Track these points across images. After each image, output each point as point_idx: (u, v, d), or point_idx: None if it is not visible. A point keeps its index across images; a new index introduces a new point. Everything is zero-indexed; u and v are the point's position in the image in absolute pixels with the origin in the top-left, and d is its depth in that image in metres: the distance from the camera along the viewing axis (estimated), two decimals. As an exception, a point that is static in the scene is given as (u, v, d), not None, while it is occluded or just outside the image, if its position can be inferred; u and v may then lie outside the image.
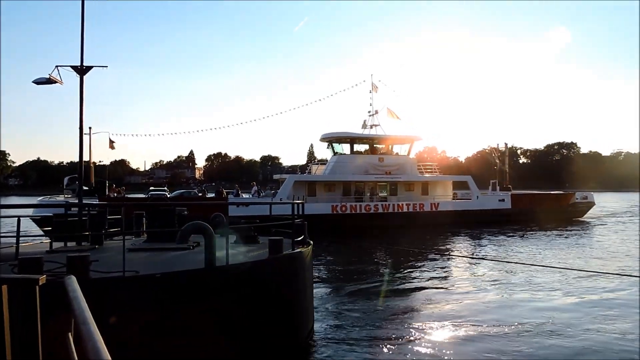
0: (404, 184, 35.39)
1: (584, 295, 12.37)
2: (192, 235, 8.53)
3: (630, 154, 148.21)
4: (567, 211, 38.77)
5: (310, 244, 9.77)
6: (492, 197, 37.83)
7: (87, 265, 5.95)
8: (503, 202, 36.86)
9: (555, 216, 35.69)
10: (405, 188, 35.51)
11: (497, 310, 11.07)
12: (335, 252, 21.17)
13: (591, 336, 9.04)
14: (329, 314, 10.85)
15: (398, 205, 33.13)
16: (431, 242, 24.75)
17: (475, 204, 35.79)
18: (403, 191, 35.32)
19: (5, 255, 7.51)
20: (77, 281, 3.16)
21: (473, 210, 35.13)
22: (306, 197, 30.99)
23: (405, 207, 33.20)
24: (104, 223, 10.01)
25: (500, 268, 16.72)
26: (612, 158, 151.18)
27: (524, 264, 16.71)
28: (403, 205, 33.19)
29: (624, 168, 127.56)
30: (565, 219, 36.73)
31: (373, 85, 37.48)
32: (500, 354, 8.12)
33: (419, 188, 36.02)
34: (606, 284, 13.58)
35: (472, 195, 36.48)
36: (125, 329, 5.69)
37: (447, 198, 36.47)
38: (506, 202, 36.85)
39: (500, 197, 37.32)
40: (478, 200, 36.13)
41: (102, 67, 11.94)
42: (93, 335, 1.91)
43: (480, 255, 20.00)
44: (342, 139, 35.24)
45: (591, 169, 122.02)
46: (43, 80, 11.62)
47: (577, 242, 24.60)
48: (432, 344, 8.69)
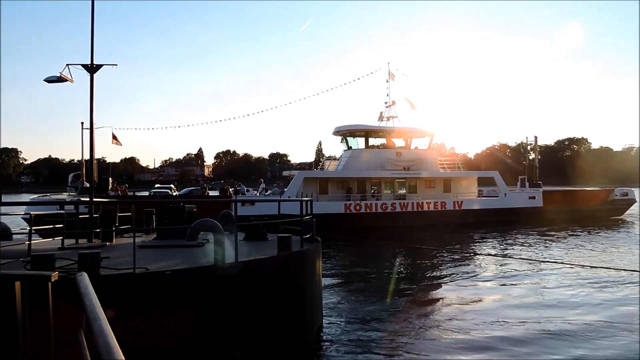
0: (424, 180, 32.95)
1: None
2: (201, 232, 8.60)
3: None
4: (604, 209, 35.37)
5: (318, 241, 9.80)
6: (522, 195, 34.55)
7: (98, 262, 6.01)
8: (534, 199, 33.81)
9: (592, 214, 33.21)
10: (426, 185, 33.13)
11: (523, 309, 10.67)
12: (346, 251, 20.83)
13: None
14: (338, 311, 10.85)
15: (418, 203, 30.82)
16: (452, 242, 23.03)
17: (503, 202, 33.04)
18: (423, 188, 32.92)
19: (17, 252, 7.61)
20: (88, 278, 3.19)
21: (501, 209, 32.43)
22: (317, 195, 29.62)
23: (426, 206, 30.80)
24: (114, 220, 10.10)
25: (528, 268, 15.92)
26: (624, 153, 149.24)
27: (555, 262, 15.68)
28: (423, 204, 30.83)
29: (629, 163, 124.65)
30: (604, 217, 33.90)
31: (390, 73, 34.69)
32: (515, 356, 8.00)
33: (441, 185, 33.48)
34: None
35: (499, 193, 33.69)
36: (135, 325, 5.74)
37: (471, 196, 33.78)
38: (537, 199, 33.83)
39: (531, 194, 34.15)
40: (506, 197, 33.32)
41: (112, 65, 12.03)
42: (105, 332, 1.94)
43: (506, 255, 18.82)
44: (356, 132, 32.93)
45: (596, 164, 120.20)
46: (54, 78, 11.72)
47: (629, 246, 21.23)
48: (443, 344, 8.65)
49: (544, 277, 14.45)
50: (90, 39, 11.15)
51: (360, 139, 33.16)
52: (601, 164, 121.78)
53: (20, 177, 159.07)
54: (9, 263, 6.78)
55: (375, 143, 33.74)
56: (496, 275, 14.83)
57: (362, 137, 33.06)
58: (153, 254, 8.00)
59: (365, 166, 31.58)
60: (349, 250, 21.02)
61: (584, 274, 14.77)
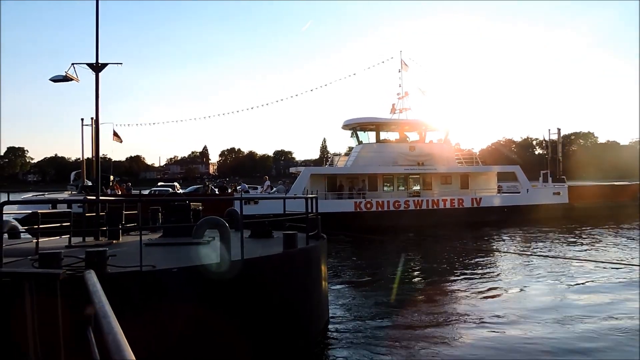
0: (439, 176, 31.19)
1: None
2: (207, 230, 8.63)
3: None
4: (635, 205, 32.87)
5: (324, 239, 9.82)
6: (546, 190, 32.54)
7: (104, 260, 6.05)
8: (559, 195, 32.00)
9: (621, 211, 31.05)
10: (442, 181, 31.35)
11: (542, 311, 10.21)
12: (353, 248, 20.72)
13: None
14: (345, 307, 10.87)
15: (433, 201, 29.20)
16: (468, 241, 22.00)
17: (525, 198, 31.11)
18: (438, 184, 31.23)
19: (24, 250, 7.68)
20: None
21: (523, 206, 30.54)
22: (326, 192, 28.52)
23: (442, 203, 29.21)
24: (120, 218, 10.15)
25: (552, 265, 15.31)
26: (631, 147, 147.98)
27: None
28: (439, 201, 29.26)
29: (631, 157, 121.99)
30: (635, 214, 31.10)
31: (402, 63, 32.86)
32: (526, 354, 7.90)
33: (458, 181, 31.58)
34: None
35: (520, 188, 31.91)
36: (142, 323, 5.77)
37: (491, 192, 31.84)
38: (562, 195, 32.04)
39: (555, 190, 32.28)
40: (528, 193, 31.43)
41: (117, 64, 12.05)
42: (113, 329, 1.95)
43: (527, 253, 17.87)
44: (366, 126, 31.31)
45: (601, 158, 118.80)
46: (60, 78, 11.74)
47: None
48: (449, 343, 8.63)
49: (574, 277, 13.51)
50: (95, 38, 11.18)
51: (371, 133, 31.54)
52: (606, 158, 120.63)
53: (27, 176, 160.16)
54: (17, 261, 6.85)
55: (388, 137, 32.07)
56: (513, 273, 14.31)
57: (373, 130, 31.42)
58: (159, 252, 8.04)
59: (377, 161, 29.97)
60: (356, 248, 20.92)
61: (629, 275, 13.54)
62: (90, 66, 11.31)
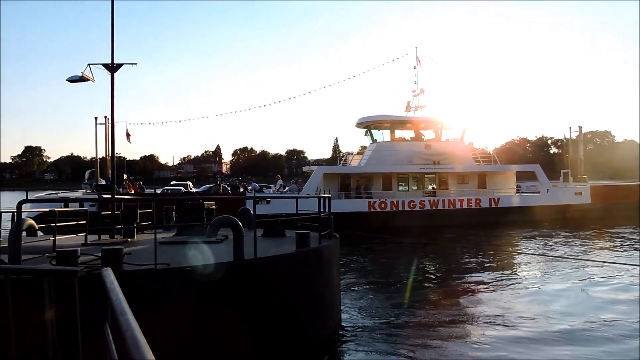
0: (456, 175, 30.41)
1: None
2: (221, 229, 8.70)
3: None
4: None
5: (337, 238, 9.82)
6: (567, 190, 31.38)
7: (120, 257, 6.13)
8: (580, 195, 30.96)
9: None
10: (458, 180, 30.56)
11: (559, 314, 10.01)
12: (366, 248, 20.47)
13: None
14: (357, 307, 10.86)
15: (449, 201, 28.51)
16: (484, 242, 21.63)
17: (546, 199, 30.09)
18: (455, 184, 30.41)
19: (41, 248, 7.81)
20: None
21: (543, 207, 29.49)
22: (339, 192, 27.97)
23: (459, 203, 28.49)
24: (135, 217, 10.27)
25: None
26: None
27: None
28: (455, 201, 28.54)
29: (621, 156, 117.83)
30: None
31: (417, 59, 32.21)
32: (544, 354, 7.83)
33: (475, 180, 30.73)
34: None
35: (541, 188, 30.91)
36: (156, 320, 5.84)
37: (509, 192, 30.93)
38: (584, 195, 31.00)
39: (577, 190, 31.21)
40: (549, 193, 30.38)
41: (132, 64, 12.19)
42: (131, 325, 1.98)
43: (549, 255, 17.37)
44: (381, 124, 30.58)
45: (616, 157, 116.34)
46: (76, 78, 11.92)
47: None
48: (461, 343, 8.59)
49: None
50: (111, 38, 11.32)
51: (386, 131, 30.94)
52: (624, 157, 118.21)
53: (44, 175, 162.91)
54: (35, 258, 6.98)
55: (403, 135, 31.44)
56: (530, 276, 14.02)
57: (387, 129, 30.83)
58: (173, 250, 8.12)
59: (391, 160, 29.25)
60: (370, 248, 20.73)
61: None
62: (106, 66, 11.47)
